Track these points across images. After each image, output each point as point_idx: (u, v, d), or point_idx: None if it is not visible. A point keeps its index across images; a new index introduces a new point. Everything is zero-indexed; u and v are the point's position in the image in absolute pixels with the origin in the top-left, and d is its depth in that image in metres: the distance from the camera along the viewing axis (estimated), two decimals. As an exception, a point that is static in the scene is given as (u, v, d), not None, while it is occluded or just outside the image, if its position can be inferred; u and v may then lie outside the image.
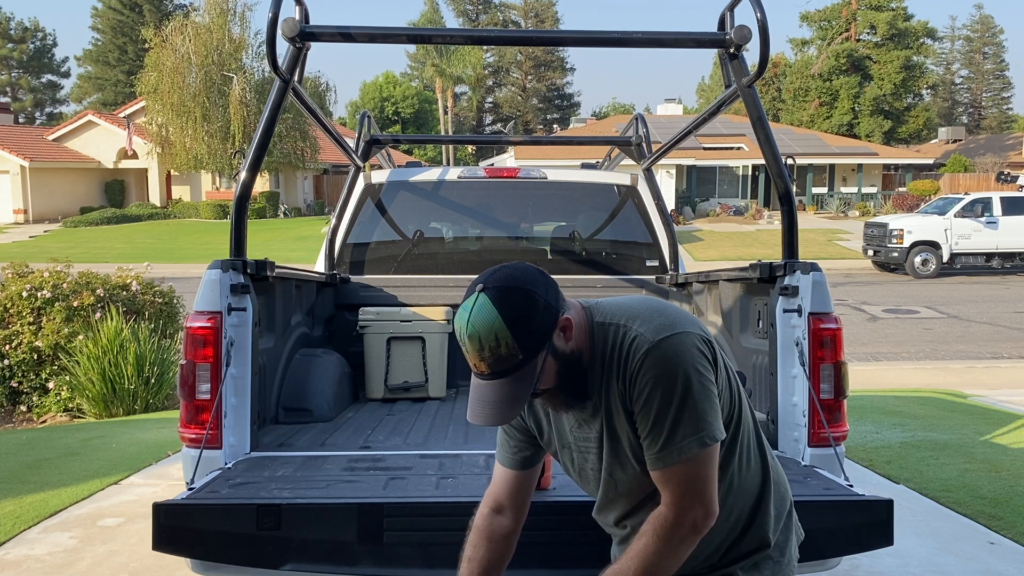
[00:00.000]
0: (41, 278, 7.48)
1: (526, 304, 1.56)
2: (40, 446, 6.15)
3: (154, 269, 10.42)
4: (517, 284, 1.58)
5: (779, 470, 1.87)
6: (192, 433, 2.81)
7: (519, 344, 1.55)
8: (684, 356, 1.60)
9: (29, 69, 66.68)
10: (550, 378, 1.63)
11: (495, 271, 1.62)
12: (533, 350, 1.57)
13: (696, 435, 1.59)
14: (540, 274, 1.64)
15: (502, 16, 65.16)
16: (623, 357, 1.64)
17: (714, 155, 35.39)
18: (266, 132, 3.04)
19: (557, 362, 1.62)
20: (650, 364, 1.60)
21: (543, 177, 4.97)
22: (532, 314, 1.56)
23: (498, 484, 1.91)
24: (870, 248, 21.33)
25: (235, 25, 34.20)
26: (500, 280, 1.59)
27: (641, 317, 1.66)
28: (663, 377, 1.59)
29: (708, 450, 1.61)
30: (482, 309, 1.55)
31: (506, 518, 1.89)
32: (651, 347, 1.60)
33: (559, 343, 1.62)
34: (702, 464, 1.61)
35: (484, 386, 1.60)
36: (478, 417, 1.61)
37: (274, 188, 37.29)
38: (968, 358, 10.85)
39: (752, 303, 3.38)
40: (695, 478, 1.61)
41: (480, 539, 1.88)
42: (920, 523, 4.38)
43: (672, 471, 1.62)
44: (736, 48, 2.97)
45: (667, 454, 1.61)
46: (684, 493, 1.62)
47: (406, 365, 4.33)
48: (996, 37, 72.23)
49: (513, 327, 1.54)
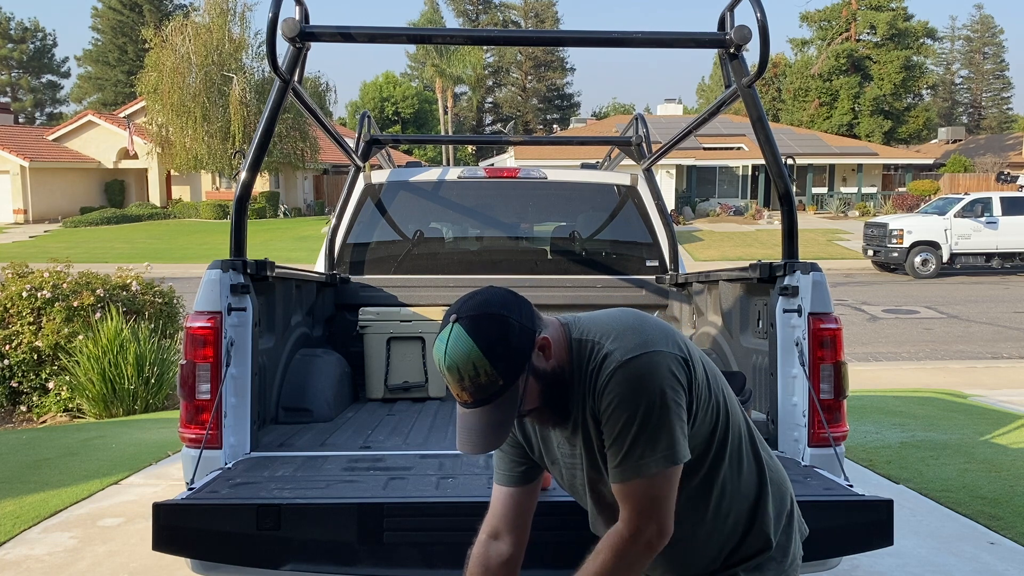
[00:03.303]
0: (41, 278, 7.48)
1: (501, 329, 1.56)
2: (40, 446, 6.15)
3: (154, 269, 10.42)
4: (490, 310, 1.58)
5: (779, 471, 1.86)
6: (192, 433, 2.81)
7: (498, 371, 1.55)
8: (652, 376, 1.59)
9: (29, 69, 66.71)
10: (534, 398, 1.64)
11: (467, 299, 1.62)
12: (513, 374, 1.57)
13: (655, 455, 1.59)
14: (512, 296, 1.64)
15: (502, 16, 65.13)
16: (595, 374, 1.63)
17: (714, 155, 35.39)
18: (266, 132, 3.04)
19: (539, 382, 1.62)
20: (617, 381, 1.59)
21: (543, 177, 4.97)
22: (508, 338, 1.56)
23: (495, 507, 1.88)
24: (870, 248, 21.33)
25: (235, 25, 34.18)
26: (472, 308, 1.59)
27: (615, 334, 1.65)
28: (629, 396, 1.58)
29: (668, 471, 1.60)
30: (457, 340, 1.55)
31: (503, 543, 1.84)
32: (619, 366, 1.59)
33: (539, 363, 1.62)
34: (660, 483, 1.60)
35: (469, 414, 1.60)
36: (466, 445, 1.61)
37: (274, 188, 37.29)
38: (968, 358, 10.86)
39: (752, 303, 3.38)
40: (652, 496, 1.61)
41: (477, 570, 1.83)
42: (920, 523, 4.38)
43: (630, 487, 1.61)
44: (736, 48, 2.98)
45: (625, 469, 1.61)
46: (640, 510, 1.62)
47: (406, 365, 4.33)
48: (996, 37, 72.27)
49: (490, 354, 1.54)
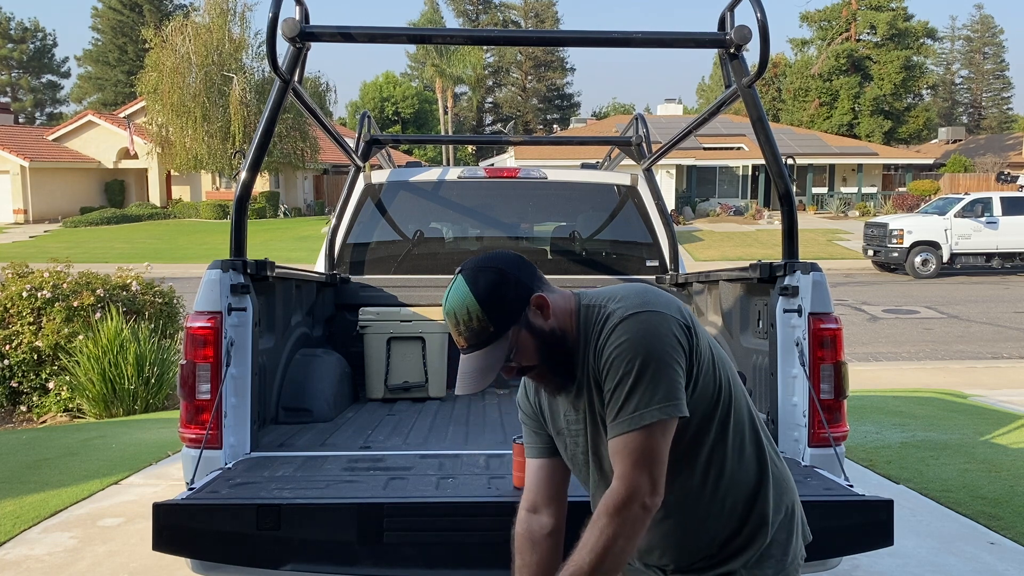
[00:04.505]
0: (41, 278, 7.48)
1: (495, 280, 1.69)
2: (40, 446, 6.15)
3: (154, 269, 10.42)
4: (488, 264, 1.72)
5: (783, 468, 1.86)
6: (192, 433, 2.81)
7: (489, 317, 1.67)
8: (651, 331, 1.64)
9: (29, 69, 66.70)
10: (530, 354, 1.71)
11: (474, 257, 1.76)
12: (503, 323, 1.68)
13: (653, 405, 1.61)
14: (515, 257, 1.76)
15: (502, 16, 65.10)
16: (597, 331, 1.69)
17: (714, 155, 35.38)
18: (266, 132, 3.04)
19: (535, 338, 1.71)
20: (617, 335, 1.65)
21: (543, 177, 4.97)
22: (501, 289, 1.68)
23: (529, 481, 1.93)
24: (870, 248, 21.33)
25: (235, 25, 34.17)
26: (475, 262, 1.73)
27: (620, 296, 1.72)
28: (626, 347, 1.63)
29: (664, 422, 1.62)
30: (458, 289, 1.69)
31: (544, 516, 1.88)
32: (620, 320, 1.66)
33: (535, 319, 1.71)
34: (655, 436, 1.62)
35: (465, 359, 1.73)
36: (459, 387, 1.73)
37: (274, 188, 37.29)
38: (968, 358, 10.86)
39: (752, 303, 3.38)
40: (646, 449, 1.62)
41: (523, 544, 1.87)
42: (920, 523, 4.38)
43: (626, 439, 1.63)
44: (736, 48, 2.98)
45: (621, 423, 1.63)
46: (634, 464, 1.62)
47: (406, 365, 4.33)
48: (996, 37, 72.28)
49: (483, 302, 1.67)
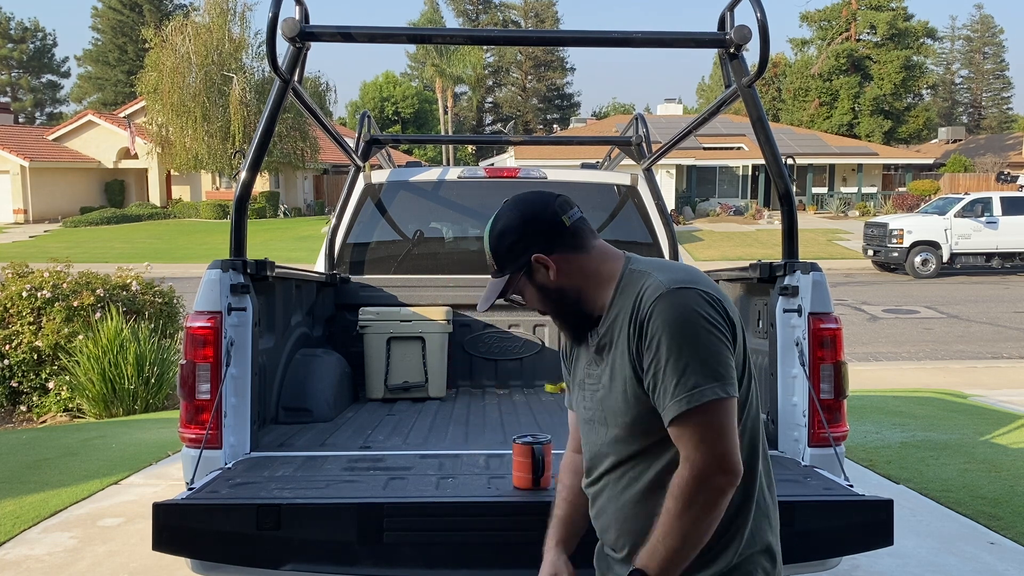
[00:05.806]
0: (41, 278, 7.48)
1: (507, 227, 1.77)
2: (40, 446, 6.15)
3: (154, 269, 10.42)
4: (515, 209, 1.78)
5: (771, 506, 1.75)
6: (192, 433, 2.81)
7: (493, 256, 1.80)
8: (698, 306, 1.57)
9: (29, 69, 66.71)
10: (534, 301, 1.80)
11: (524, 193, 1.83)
12: (502, 266, 1.78)
13: (711, 383, 1.52)
14: (545, 211, 1.75)
15: (502, 16, 65.10)
16: (638, 300, 1.63)
17: (714, 155, 35.38)
18: (266, 132, 3.04)
19: (537, 291, 1.77)
20: (661, 308, 1.57)
21: (543, 177, 4.97)
22: (508, 238, 1.77)
23: (572, 429, 1.98)
24: (870, 248, 21.33)
25: (235, 25, 34.18)
26: (513, 201, 1.81)
27: (667, 268, 1.69)
28: (675, 322, 1.55)
29: (725, 401, 1.53)
30: (492, 218, 1.82)
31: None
32: (664, 292, 1.58)
33: (539, 275, 1.75)
34: (718, 414, 1.52)
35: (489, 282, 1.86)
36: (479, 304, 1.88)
37: (274, 188, 37.29)
38: (968, 358, 10.86)
39: (752, 303, 3.39)
40: (710, 427, 1.52)
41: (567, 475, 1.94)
42: (920, 523, 4.38)
43: (686, 419, 1.53)
44: (736, 48, 2.98)
45: (679, 401, 1.53)
46: (699, 443, 1.52)
47: (406, 365, 4.33)
48: (996, 37, 72.27)
49: (491, 242, 1.80)
